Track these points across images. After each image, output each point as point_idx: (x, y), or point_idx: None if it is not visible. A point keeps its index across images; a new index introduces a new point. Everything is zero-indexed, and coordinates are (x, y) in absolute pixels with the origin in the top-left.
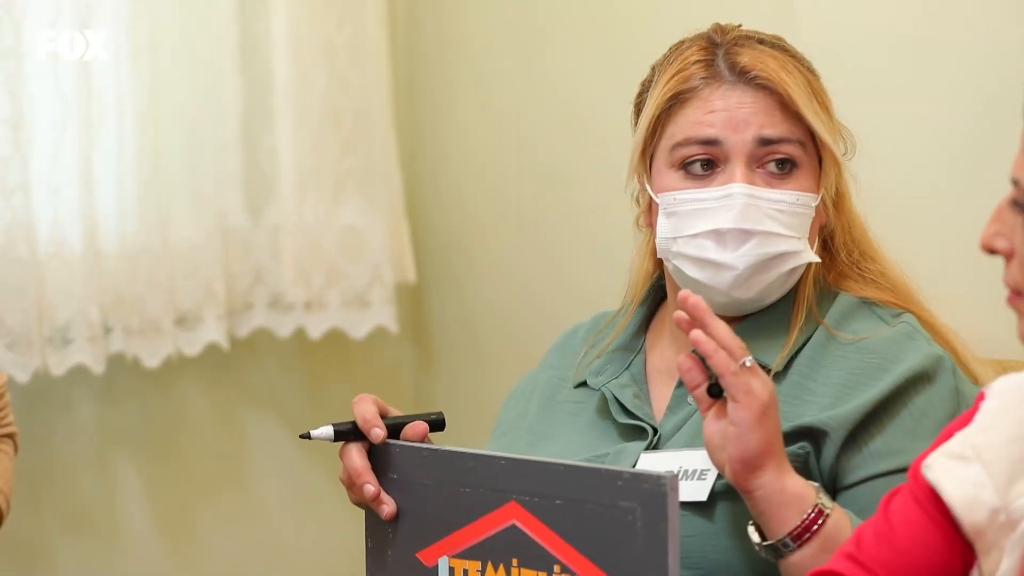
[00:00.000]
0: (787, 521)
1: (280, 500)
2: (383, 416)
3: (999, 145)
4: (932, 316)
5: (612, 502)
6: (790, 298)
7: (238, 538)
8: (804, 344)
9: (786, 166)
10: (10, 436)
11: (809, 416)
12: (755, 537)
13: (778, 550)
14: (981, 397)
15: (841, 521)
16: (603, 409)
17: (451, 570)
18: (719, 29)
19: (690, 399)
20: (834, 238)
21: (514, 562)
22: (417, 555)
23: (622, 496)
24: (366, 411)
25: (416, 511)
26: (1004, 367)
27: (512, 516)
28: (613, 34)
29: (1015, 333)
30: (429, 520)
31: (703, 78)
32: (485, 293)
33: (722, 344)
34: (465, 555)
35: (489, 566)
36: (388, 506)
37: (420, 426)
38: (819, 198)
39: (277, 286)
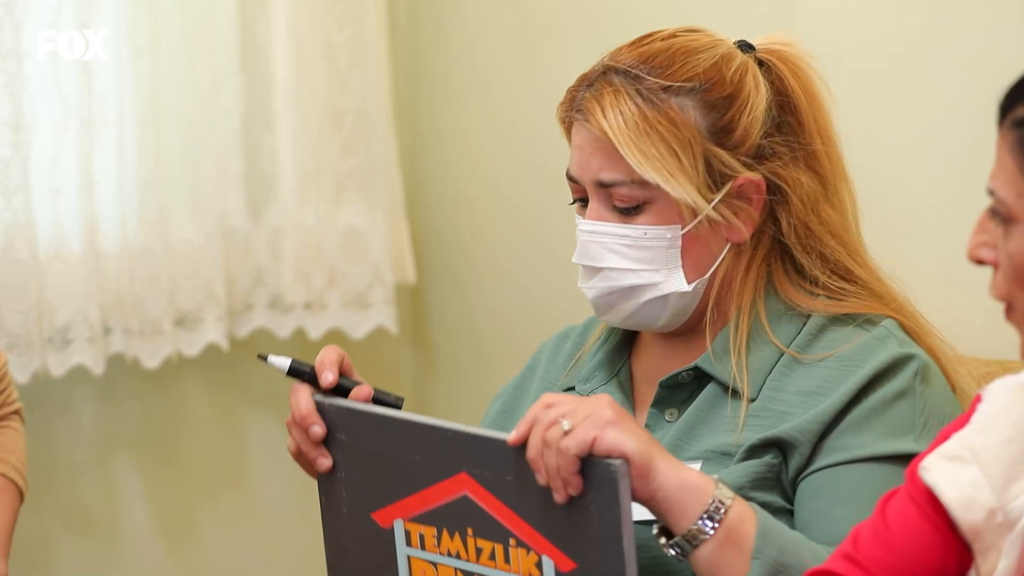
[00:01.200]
0: (690, 512)
1: (280, 500)
2: (344, 375)
3: (986, 145)
4: (917, 322)
5: None
6: (719, 318)
7: (238, 538)
8: (772, 369)
9: (627, 210)
10: (16, 412)
11: (780, 427)
12: (661, 540)
13: (684, 546)
14: (978, 399)
15: (745, 513)
16: None
17: (407, 533)
18: (615, 53)
19: (667, 415)
20: (792, 252)
21: (469, 531)
22: (372, 515)
23: None
24: (326, 356)
25: (367, 473)
26: (1004, 367)
27: (464, 487)
28: (613, 34)
29: (1016, 332)
30: (381, 483)
31: (568, 111)
32: (485, 294)
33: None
34: (420, 520)
35: (445, 533)
36: (326, 459)
37: (365, 389)
38: (685, 228)
39: (277, 287)
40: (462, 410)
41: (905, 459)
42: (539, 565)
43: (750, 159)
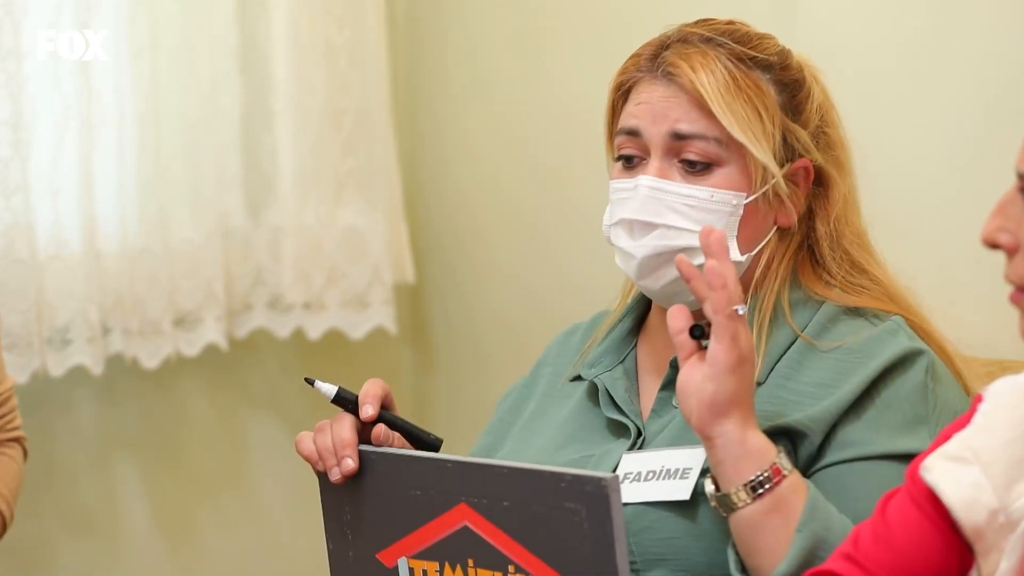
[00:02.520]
0: (743, 473)
1: (280, 501)
2: (386, 408)
3: (1003, 146)
4: (925, 321)
5: (557, 503)
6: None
7: (238, 539)
8: (783, 354)
9: (696, 165)
10: (17, 440)
11: (789, 416)
12: (709, 487)
13: (730, 503)
14: (979, 399)
15: (797, 485)
16: (592, 399)
17: (411, 570)
18: (683, 27)
19: (674, 401)
20: (819, 246)
21: (470, 562)
22: (377, 556)
23: (566, 498)
24: (370, 389)
25: (371, 513)
26: (1004, 367)
27: (463, 518)
28: (613, 34)
29: (1016, 333)
30: (384, 522)
31: (640, 71)
32: (485, 294)
33: (727, 283)
34: (423, 556)
35: (447, 566)
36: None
37: (380, 428)
38: (750, 197)
39: (277, 287)
40: (462, 411)
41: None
42: None
43: (812, 142)
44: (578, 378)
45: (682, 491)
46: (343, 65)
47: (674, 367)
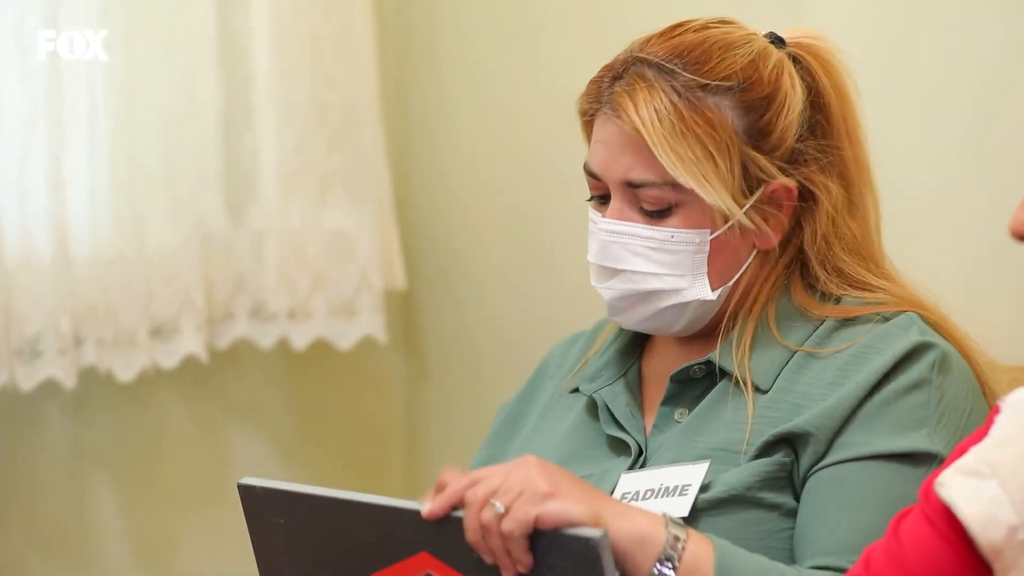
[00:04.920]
0: (643, 563)
1: None
2: None
3: (1006, 145)
4: (943, 318)
5: (539, 559)
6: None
7: (220, 559)
8: (782, 368)
9: (653, 213)
10: None
11: (792, 421)
12: None
13: None
14: (996, 410)
15: (700, 552)
16: (592, 414)
17: None
18: (644, 44)
19: (677, 415)
20: (810, 264)
21: None
22: None
23: (548, 554)
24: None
25: (313, 556)
26: None
27: (425, 567)
28: (609, 27)
29: None
30: (329, 566)
31: (597, 102)
32: (480, 299)
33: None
34: None
35: None
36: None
37: None
38: (714, 234)
39: (259, 294)
40: (457, 423)
41: (914, 458)
42: None
43: (785, 163)
44: (576, 391)
45: (680, 508)
46: (328, 57)
47: (674, 380)
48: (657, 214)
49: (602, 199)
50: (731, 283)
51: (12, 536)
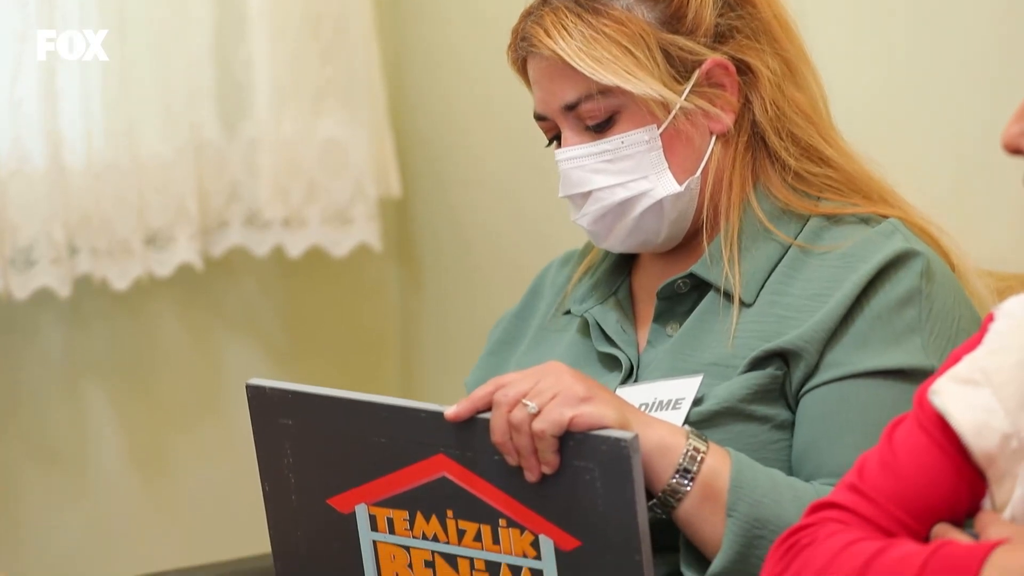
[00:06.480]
0: (664, 471)
1: None
2: None
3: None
4: (923, 220)
5: (566, 461)
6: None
7: (215, 469)
8: (773, 268)
9: (598, 125)
10: None
11: (782, 337)
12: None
13: (665, 503)
14: (990, 318)
15: (718, 467)
16: (585, 333)
17: (372, 518)
18: None
19: (669, 330)
20: (767, 136)
21: (449, 513)
22: (328, 502)
23: (576, 456)
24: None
25: (321, 458)
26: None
27: (441, 469)
28: None
29: None
30: (337, 468)
31: (520, 50)
32: (475, 207)
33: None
34: (388, 504)
35: (419, 516)
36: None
37: None
38: (661, 127)
39: (254, 203)
40: (452, 331)
41: (911, 374)
42: (535, 544)
43: (713, 42)
44: (568, 313)
45: (673, 422)
46: None
47: (661, 297)
48: (601, 127)
49: (559, 140)
50: (697, 174)
51: (7, 444)
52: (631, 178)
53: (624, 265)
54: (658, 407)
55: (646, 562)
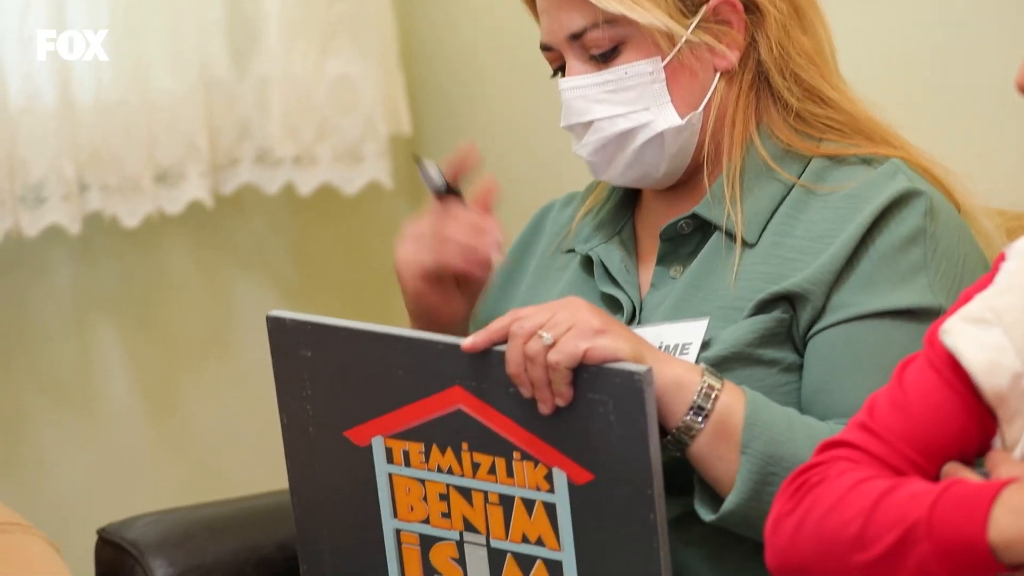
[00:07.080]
0: (678, 408)
1: (268, 366)
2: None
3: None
4: (927, 160)
5: (579, 394)
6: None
7: (224, 407)
8: (776, 208)
9: (603, 55)
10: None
11: (788, 279)
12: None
13: (679, 440)
14: (1001, 258)
15: (733, 404)
16: (587, 272)
17: (388, 450)
18: None
19: (672, 272)
20: (771, 77)
21: (464, 446)
22: (345, 434)
23: (590, 389)
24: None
25: (338, 390)
26: None
27: (457, 401)
28: None
29: None
30: (354, 400)
31: None
32: (485, 144)
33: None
34: (404, 436)
35: (434, 448)
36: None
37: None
38: (665, 59)
39: (264, 140)
40: None
41: (919, 313)
42: (548, 478)
43: None
44: (571, 251)
45: None
46: None
47: (664, 239)
48: (606, 57)
49: (563, 70)
50: (700, 110)
51: (17, 381)
52: (632, 109)
53: (628, 205)
54: (665, 352)
55: (658, 496)
